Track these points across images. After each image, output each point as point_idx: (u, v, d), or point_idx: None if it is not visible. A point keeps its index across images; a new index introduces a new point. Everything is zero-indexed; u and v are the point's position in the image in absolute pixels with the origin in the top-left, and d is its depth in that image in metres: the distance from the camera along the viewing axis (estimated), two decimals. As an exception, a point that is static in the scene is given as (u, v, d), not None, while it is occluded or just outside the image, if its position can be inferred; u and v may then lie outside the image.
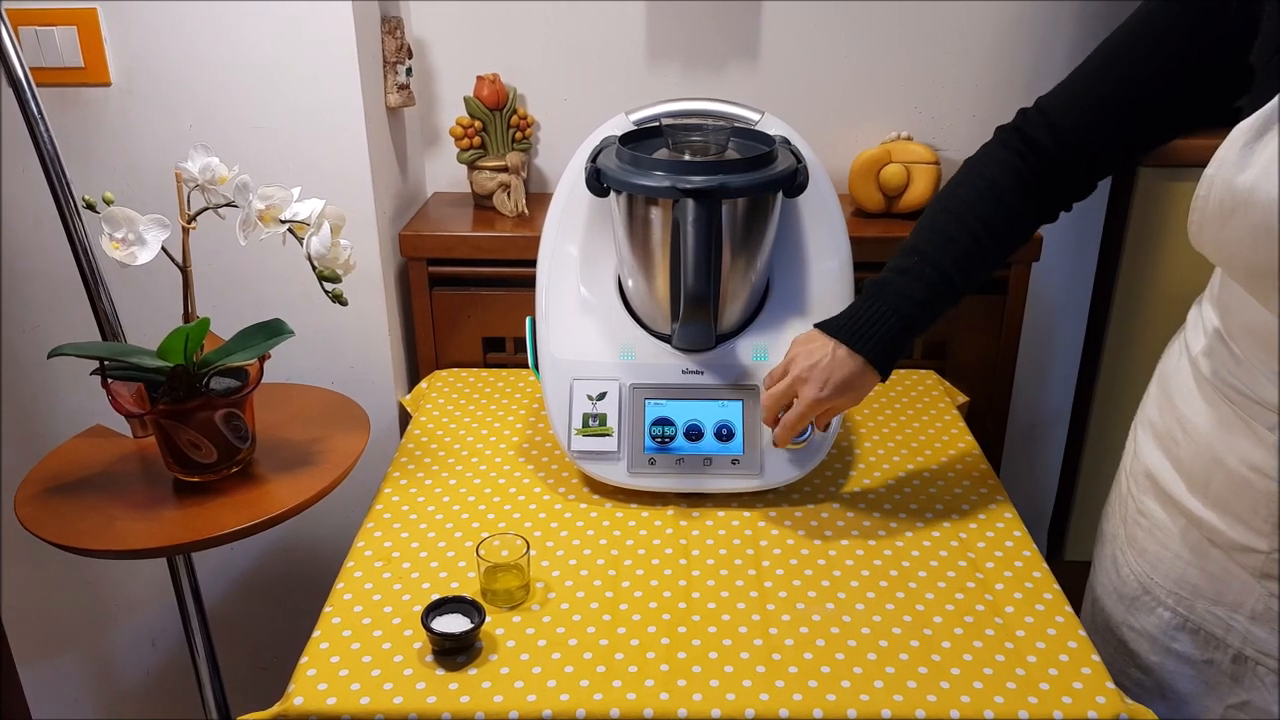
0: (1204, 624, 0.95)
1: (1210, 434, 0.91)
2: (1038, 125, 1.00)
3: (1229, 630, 0.93)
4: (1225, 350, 0.90)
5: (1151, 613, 1.00)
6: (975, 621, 0.99)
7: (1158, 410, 1.01)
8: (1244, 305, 0.86)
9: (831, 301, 1.20)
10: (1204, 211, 0.83)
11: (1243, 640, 0.92)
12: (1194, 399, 0.94)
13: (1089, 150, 0.98)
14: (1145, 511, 1.00)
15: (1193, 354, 0.96)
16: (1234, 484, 0.89)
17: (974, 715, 0.88)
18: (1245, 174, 0.78)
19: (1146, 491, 1.00)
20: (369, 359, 1.52)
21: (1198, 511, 0.93)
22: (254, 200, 1.08)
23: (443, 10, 1.57)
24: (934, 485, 1.22)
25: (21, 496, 1.12)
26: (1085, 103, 0.97)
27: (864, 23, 1.56)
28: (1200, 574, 0.94)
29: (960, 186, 1.04)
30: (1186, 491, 0.94)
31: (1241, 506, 0.89)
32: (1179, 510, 0.95)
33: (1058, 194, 1.02)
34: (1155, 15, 0.92)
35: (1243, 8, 0.84)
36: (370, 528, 1.15)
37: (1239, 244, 0.80)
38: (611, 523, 1.15)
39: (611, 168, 1.11)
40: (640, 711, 0.88)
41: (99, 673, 1.78)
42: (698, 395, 1.17)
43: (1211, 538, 0.92)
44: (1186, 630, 0.97)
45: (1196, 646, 0.96)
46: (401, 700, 0.89)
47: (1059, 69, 1.56)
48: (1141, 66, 0.92)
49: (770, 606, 1.01)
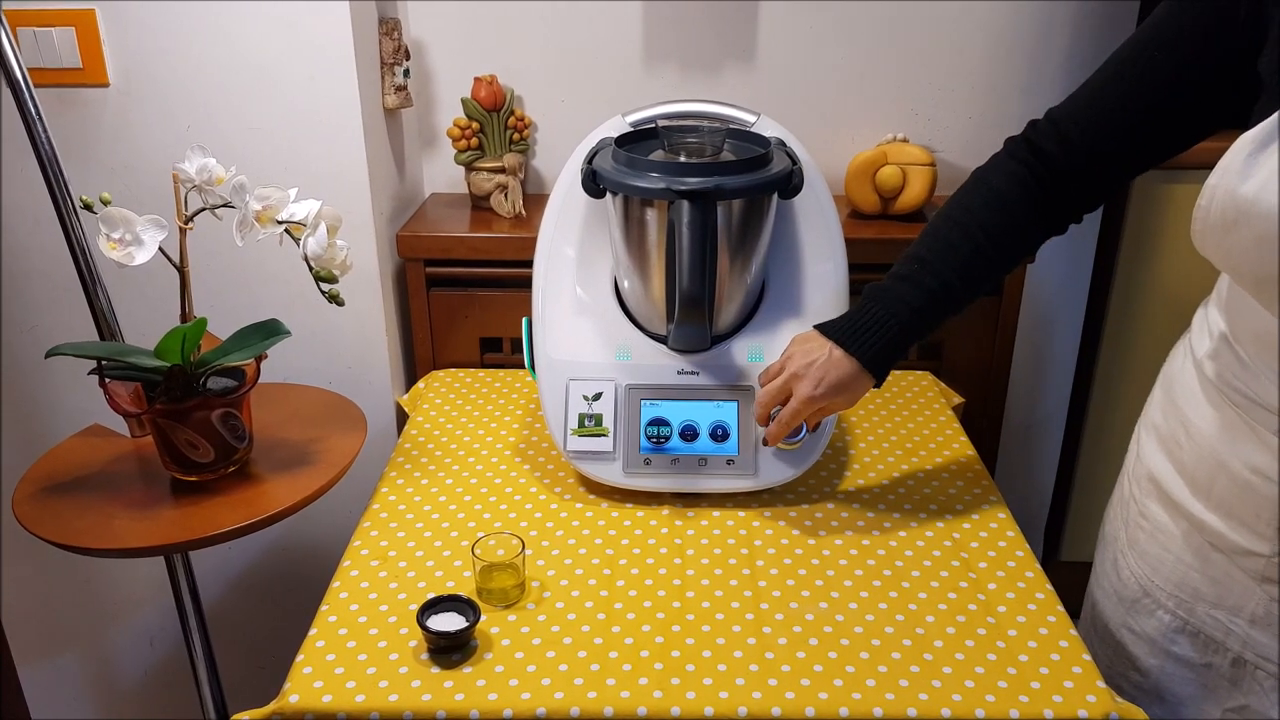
0: (1204, 627, 0.95)
1: (1214, 438, 0.92)
2: (1047, 136, 1.00)
3: (1229, 634, 0.93)
4: (1231, 354, 0.90)
5: (1151, 615, 1.00)
6: (968, 621, 0.99)
7: (1161, 414, 1.01)
8: (1251, 310, 0.87)
9: (827, 303, 1.21)
10: (1205, 221, 0.83)
11: (1242, 644, 0.93)
12: (1199, 402, 0.94)
13: (1098, 161, 0.98)
14: (1147, 514, 1.00)
15: (1198, 357, 0.96)
16: (1237, 488, 0.89)
17: (965, 714, 0.88)
18: (1248, 184, 0.78)
19: (1149, 495, 1.00)
20: (366, 359, 1.52)
21: (1200, 515, 0.93)
22: (251, 201, 1.08)
23: (440, 12, 1.57)
24: (928, 486, 1.23)
25: (19, 495, 1.13)
26: (1095, 113, 0.97)
27: (860, 25, 1.57)
28: (1201, 577, 0.95)
29: (966, 196, 1.05)
30: (1189, 495, 0.94)
31: (1244, 510, 0.89)
32: (1181, 514, 0.96)
33: (1067, 205, 1.02)
34: (1164, 25, 0.92)
35: (1251, 15, 0.84)
36: (367, 527, 1.15)
37: (1244, 253, 0.80)
38: (607, 522, 1.15)
39: (607, 169, 1.12)
40: (634, 709, 0.88)
41: (97, 672, 1.78)
42: (693, 396, 1.18)
43: (1213, 541, 0.93)
44: (1186, 633, 0.97)
45: (1196, 650, 0.96)
46: (397, 698, 0.90)
47: (1055, 70, 1.58)
48: (1150, 76, 0.92)
49: (764, 605, 1.01)
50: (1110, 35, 1.59)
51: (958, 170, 1.65)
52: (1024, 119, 1.64)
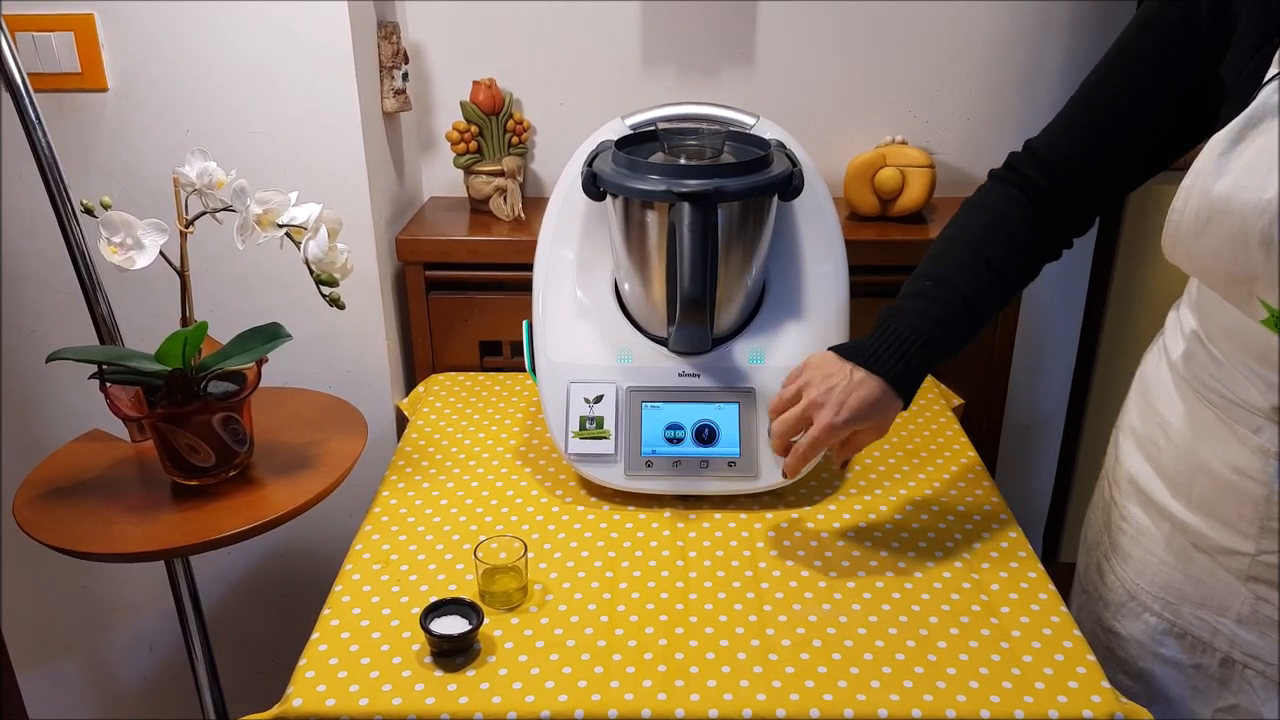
0: (1190, 628, 0.96)
1: (1192, 438, 0.92)
2: (1029, 164, 1.00)
3: (1215, 634, 0.94)
4: (1204, 353, 0.91)
5: (1138, 619, 1.00)
6: (971, 622, 0.99)
7: (1139, 416, 1.01)
8: (1221, 308, 0.87)
9: (827, 305, 1.21)
10: (1179, 224, 0.83)
11: (1229, 644, 0.93)
12: (1174, 403, 0.95)
13: (1081, 183, 0.98)
14: (1128, 517, 1.01)
15: (1172, 358, 0.97)
16: (1217, 487, 0.90)
17: (970, 714, 0.88)
18: (1221, 181, 0.78)
19: (1130, 497, 1.01)
20: (366, 363, 1.52)
21: (1181, 516, 0.94)
22: (252, 205, 1.08)
23: (439, 15, 1.57)
24: (930, 488, 1.23)
25: (20, 500, 1.13)
26: (1071, 138, 0.97)
27: (858, 27, 1.57)
28: (1185, 579, 0.95)
29: (965, 219, 1.03)
30: (1170, 496, 0.95)
31: (1225, 510, 0.89)
32: (1163, 515, 0.96)
33: (1058, 229, 1.02)
34: (1128, 44, 0.93)
35: (1214, 19, 0.84)
36: (368, 530, 1.15)
37: (1216, 252, 0.80)
38: (609, 525, 1.15)
39: (607, 172, 1.12)
40: (638, 712, 0.88)
41: (96, 677, 1.78)
42: (694, 398, 1.18)
43: (1196, 542, 0.93)
44: (1174, 635, 0.97)
45: (1184, 651, 0.97)
46: (400, 701, 0.90)
47: (1053, 72, 1.59)
48: (1122, 95, 0.93)
49: (767, 607, 1.01)
50: (1107, 36, 1.58)
51: (956, 172, 1.66)
52: (1021, 121, 1.65)
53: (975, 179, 1.66)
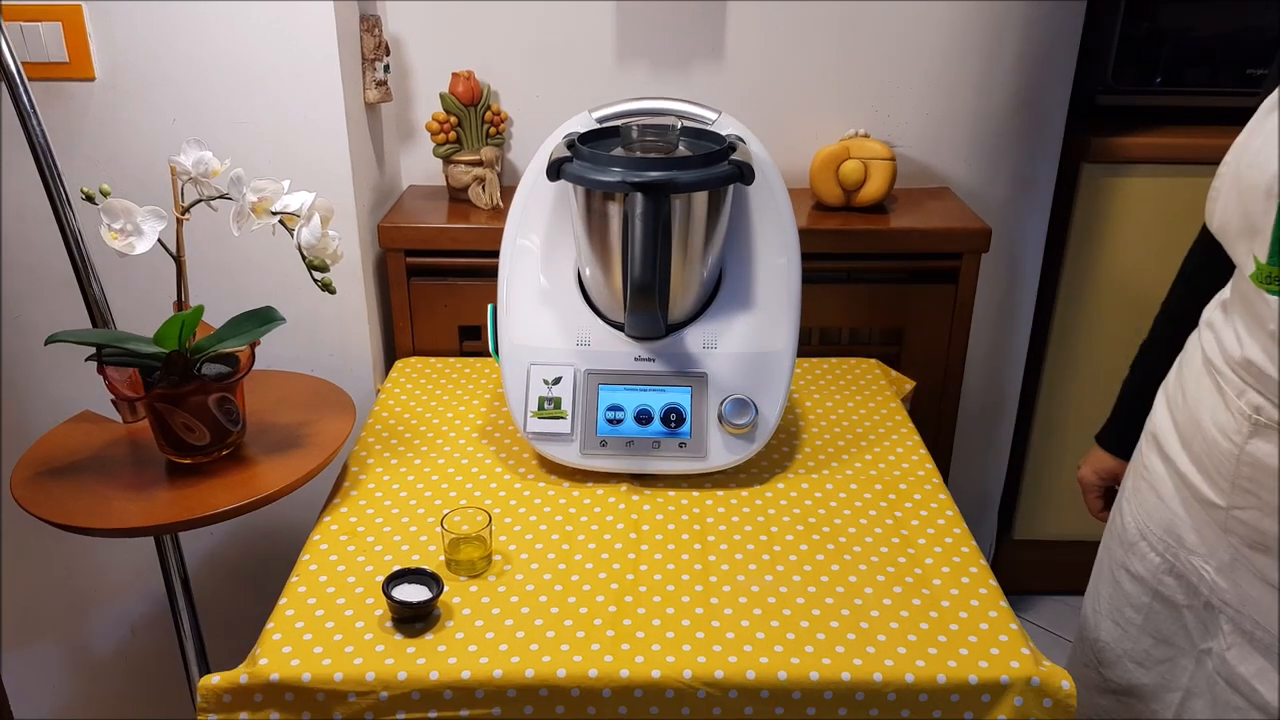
0: (1185, 571, 1.03)
1: (1198, 398, 0.99)
2: None
3: (1201, 579, 1.00)
4: (1222, 317, 0.97)
5: (1144, 558, 1.07)
6: (904, 593, 1.05)
7: (1175, 376, 1.08)
8: (1240, 273, 0.94)
9: (779, 295, 1.25)
10: (1218, 188, 0.92)
11: (1210, 589, 1.00)
12: (1195, 366, 1.01)
13: None
14: (1149, 466, 1.08)
15: (1203, 321, 1.03)
16: (1206, 443, 0.96)
17: (895, 677, 0.94)
18: (1256, 140, 0.87)
19: (1152, 448, 1.08)
20: (348, 348, 1.56)
21: (1184, 468, 1.00)
22: (247, 193, 1.12)
23: (419, 8, 1.61)
24: (873, 469, 1.28)
25: (16, 479, 1.15)
26: None
27: (824, 26, 1.61)
28: (1184, 525, 1.02)
29: None
30: (1179, 449, 1.02)
31: (1210, 465, 0.96)
32: (1172, 467, 1.03)
33: None
34: None
35: None
36: (336, 504, 1.20)
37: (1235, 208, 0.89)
38: (567, 500, 1.21)
39: (570, 164, 1.17)
40: (585, 672, 0.94)
41: (77, 659, 1.78)
42: (649, 382, 1.23)
43: (1192, 493, 1.00)
44: (1173, 574, 1.04)
45: (1181, 591, 1.04)
46: (361, 662, 0.95)
47: (1006, 70, 1.64)
48: None
49: (712, 579, 1.07)
50: (1058, 36, 1.64)
51: (916, 165, 1.71)
52: (977, 116, 1.71)
53: (933, 171, 1.72)
